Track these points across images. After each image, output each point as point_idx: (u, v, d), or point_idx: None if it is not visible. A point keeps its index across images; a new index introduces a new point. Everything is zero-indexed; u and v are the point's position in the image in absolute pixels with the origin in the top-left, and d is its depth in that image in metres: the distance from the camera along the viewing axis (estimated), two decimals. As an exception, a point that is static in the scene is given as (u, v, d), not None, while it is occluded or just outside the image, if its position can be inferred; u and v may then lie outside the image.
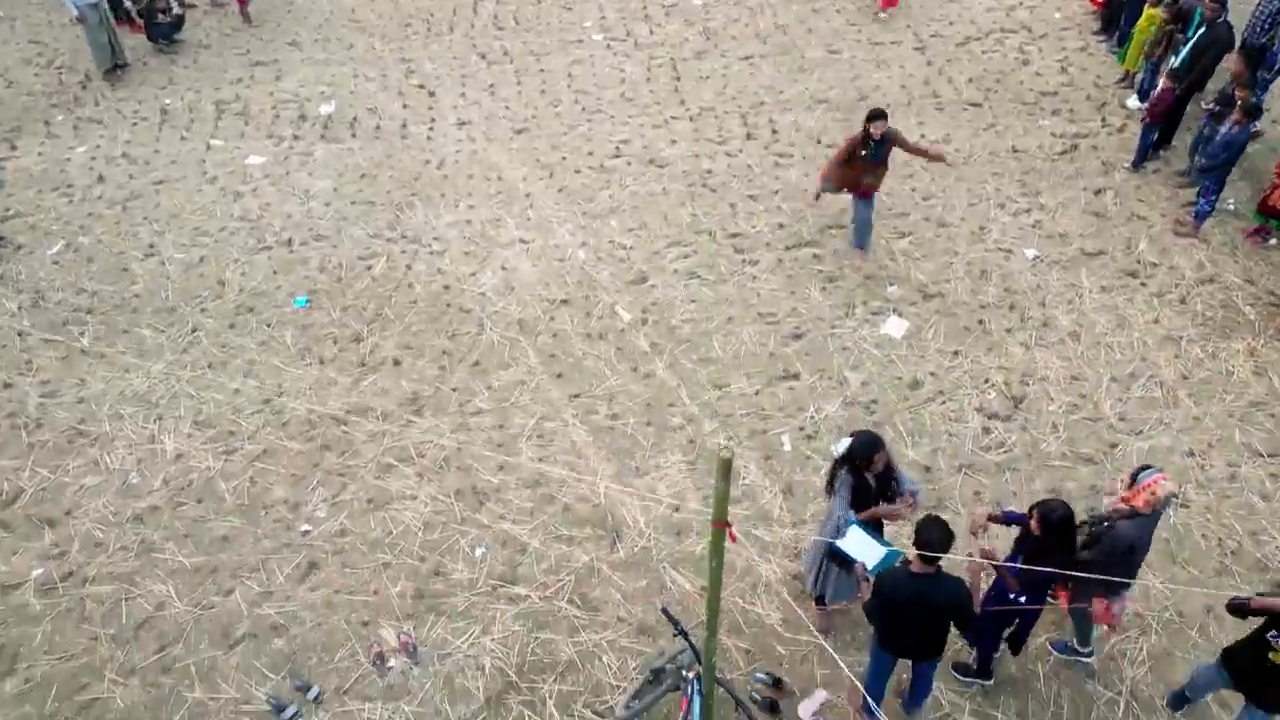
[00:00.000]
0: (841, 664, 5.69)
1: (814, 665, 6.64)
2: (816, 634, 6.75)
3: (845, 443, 6.10)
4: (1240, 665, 5.56)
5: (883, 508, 6.10)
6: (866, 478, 6.08)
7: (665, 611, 6.12)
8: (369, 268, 10.18)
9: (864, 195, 9.58)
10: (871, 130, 8.91)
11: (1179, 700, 6.35)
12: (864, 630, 6.79)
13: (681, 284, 9.83)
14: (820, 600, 6.70)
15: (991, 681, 6.55)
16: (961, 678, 6.56)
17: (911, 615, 5.46)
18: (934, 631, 5.62)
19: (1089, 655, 6.68)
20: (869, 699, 6.06)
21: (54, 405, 8.83)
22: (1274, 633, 5.18)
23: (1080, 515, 6.01)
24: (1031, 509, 5.83)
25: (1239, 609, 5.49)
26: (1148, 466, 5.96)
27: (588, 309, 9.57)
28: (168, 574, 7.40)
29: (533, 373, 8.88)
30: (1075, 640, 6.68)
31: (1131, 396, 8.62)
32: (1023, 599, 5.85)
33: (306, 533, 7.64)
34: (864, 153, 9.05)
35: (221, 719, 6.51)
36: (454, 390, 8.73)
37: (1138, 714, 6.46)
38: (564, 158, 11.68)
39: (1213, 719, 6.45)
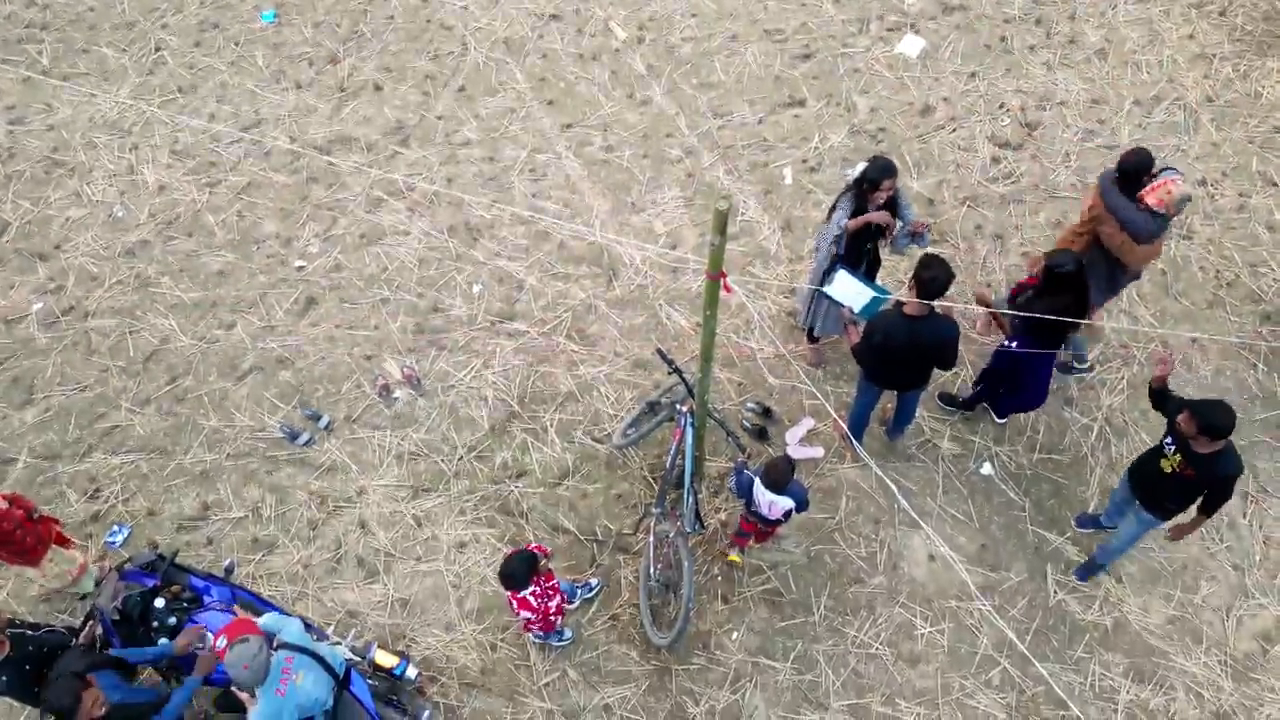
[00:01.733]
0: (818, 393, 5.86)
1: (802, 396, 6.87)
2: (805, 368, 6.95)
3: (860, 167, 5.87)
4: (1141, 472, 5.51)
5: (874, 214, 5.83)
6: (868, 207, 5.90)
7: (660, 352, 6.22)
8: (339, -24, 9.28)
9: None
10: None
11: (1090, 521, 6.37)
12: (853, 364, 6.96)
13: (682, -5, 9.01)
14: (811, 334, 6.80)
15: (973, 411, 6.82)
16: (945, 406, 6.82)
17: (902, 356, 5.53)
18: (922, 369, 5.74)
19: (1087, 369, 6.89)
20: (850, 433, 6.35)
21: (23, 133, 8.44)
22: (1169, 439, 5.17)
23: None
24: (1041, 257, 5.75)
25: (1154, 394, 5.42)
26: (1170, 167, 5.78)
27: (579, 25, 8.84)
28: (168, 308, 7.46)
29: (522, 99, 8.38)
30: (1073, 359, 6.87)
31: (1152, 121, 8.21)
32: (1014, 344, 5.89)
33: (301, 268, 7.60)
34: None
35: (239, 445, 6.86)
36: (439, 119, 8.29)
37: (1109, 438, 6.77)
38: None
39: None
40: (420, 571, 6.33)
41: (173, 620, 5.20)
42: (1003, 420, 6.77)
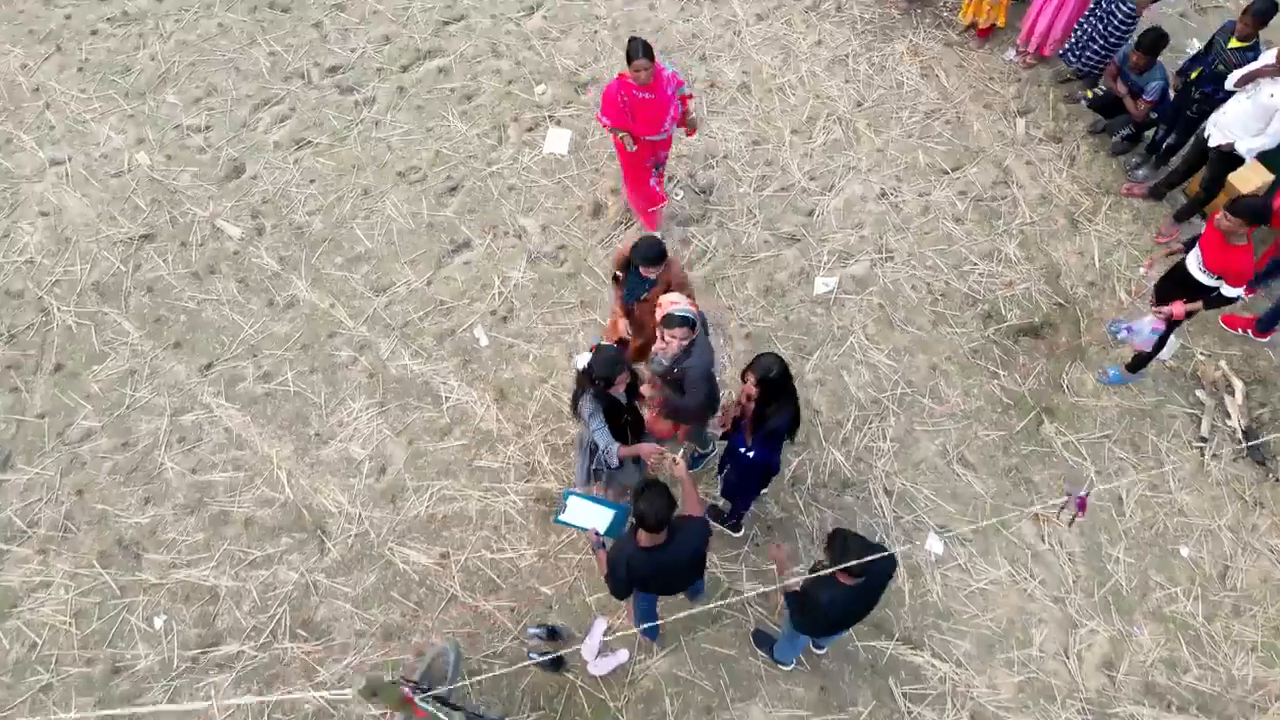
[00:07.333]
0: (601, 587, 5.03)
1: (584, 593, 6.03)
2: (577, 559, 6.11)
3: (585, 356, 5.08)
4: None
5: (644, 446, 5.32)
6: (615, 395, 5.19)
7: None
8: None
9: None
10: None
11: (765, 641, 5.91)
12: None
13: (290, 160, 7.73)
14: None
15: (739, 533, 6.25)
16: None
17: (661, 578, 4.83)
18: (687, 575, 5.02)
19: None
20: (644, 633, 5.62)
21: None
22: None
23: None
24: (744, 372, 5.14)
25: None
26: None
27: (180, 237, 7.35)
28: None
29: (139, 353, 6.83)
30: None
31: (814, 146, 7.98)
32: (751, 453, 5.35)
33: (-82, 682, 5.79)
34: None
35: None
36: (41, 417, 6.59)
37: (895, 510, 6.46)
38: (68, 16, 8.50)
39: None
40: None
41: None
42: (739, 534, 6.25)
